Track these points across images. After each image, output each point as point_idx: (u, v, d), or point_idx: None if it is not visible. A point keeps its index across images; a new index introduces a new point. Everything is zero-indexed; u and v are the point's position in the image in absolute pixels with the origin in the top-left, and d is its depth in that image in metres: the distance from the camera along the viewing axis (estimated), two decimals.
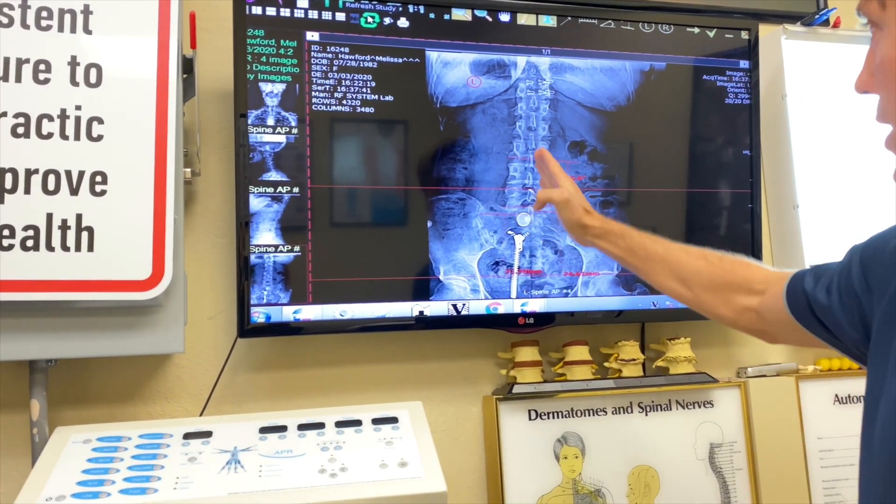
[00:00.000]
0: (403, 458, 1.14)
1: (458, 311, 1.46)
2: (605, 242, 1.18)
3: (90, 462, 1.11)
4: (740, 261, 1.09)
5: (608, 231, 1.17)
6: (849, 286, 0.88)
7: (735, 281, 1.06)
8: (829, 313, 0.91)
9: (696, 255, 1.11)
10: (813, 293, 0.93)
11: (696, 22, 1.65)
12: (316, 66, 1.39)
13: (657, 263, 1.13)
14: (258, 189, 1.35)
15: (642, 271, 1.16)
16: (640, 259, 1.15)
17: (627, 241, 1.16)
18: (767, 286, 1.03)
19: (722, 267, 1.08)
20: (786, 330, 1.00)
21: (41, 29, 1.17)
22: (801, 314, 0.95)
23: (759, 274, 1.06)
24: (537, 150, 1.28)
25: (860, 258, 0.89)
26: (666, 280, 1.13)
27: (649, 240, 1.15)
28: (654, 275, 1.14)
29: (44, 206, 1.14)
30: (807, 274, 0.96)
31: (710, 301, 1.09)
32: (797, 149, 1.71)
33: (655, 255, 1.14)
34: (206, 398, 1.38)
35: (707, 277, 1.09)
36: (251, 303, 1.34)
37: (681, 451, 1.56)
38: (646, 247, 1.15)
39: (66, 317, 1.17)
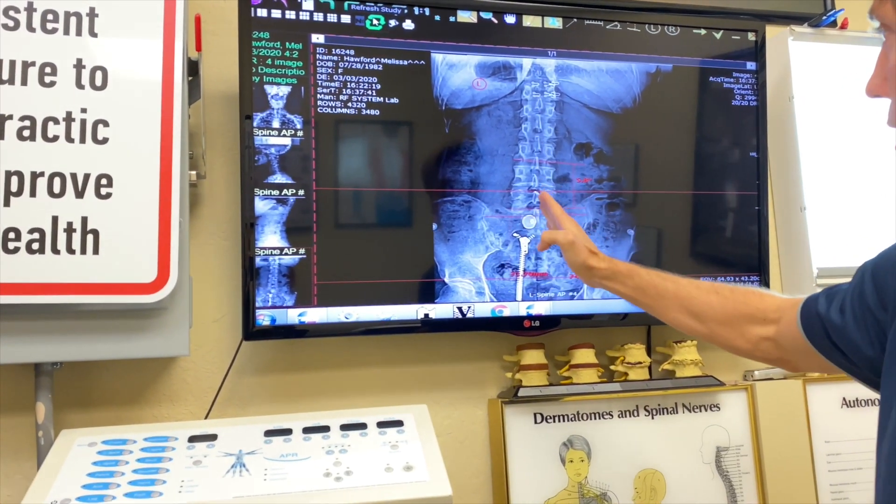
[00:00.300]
0: (409, 461, 1.14)
1: (463, 314, 1.45)
2: (614, 283, 1.17)
3: (95, 465, 1.11)
4: (752, 291, 1.08)
5: (615, 272, 1.16)
6: (862, 304, 0.87)
7: (749, 312, 1.05)
8: (843, 334, 0.90)
9: (707, 290, 1.10)
10: (827, 315, 0.92)
11: (702, 23, 1.64)
12: (321, 68, 1.39)
13: (668, 301, 1.12)
14: (263, 191, 1.35)
15: (654, 309, 1.15)
16: (651, 298, 1.14)
17: (636, 280, 1.15)
18: (782, 314, 1.02)
19: (734, 299, 1.07)
20: (804, 356, 0.98)
21: (47, 32, 1.17)
22: (816, 338, 0.94)
23: (772, 303, 1.04)
24: (541, 194, 1.28)
25: (872, 275, 0.87)
26: (679, 316, 1.12)
27: (658, 277, 1.14)
28: (667, 312, 1.13)
29: (49, 208, 1.14)
30: (819, 297, 0.95)
31: (726, 334, 1.08)
32: (804, 151, 1.70)
33: (666, 292, 1.12)
34: (211, 401, 1.38)
35: (720, 311, 1.07)
36: (256, 305, 1.33)
37: (687, 454, 1.55)
38: (655, 285, 1.13)
39: (72, 319, 1.17)
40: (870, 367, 0.89)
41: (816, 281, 1.66)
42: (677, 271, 1.53)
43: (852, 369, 0.92)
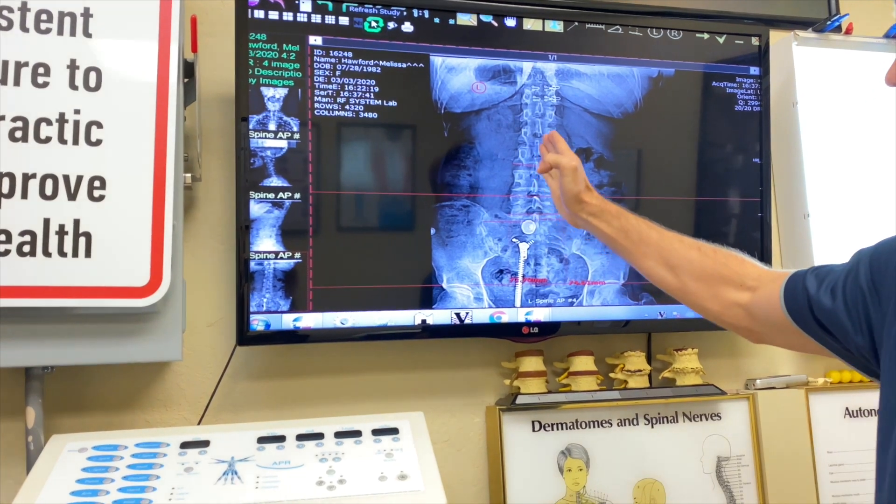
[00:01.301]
0: (403, 470, 1.13)
1: (461, 320, 1.43)
2: (599, 221, 1.15)
3: (85, 471, 1.10)
4: (734, 255, 1.07)
5: (604, 210, 1.15)
6: (855, 290, 0.86)
7: (727, 274, 1.04)
8: (833, 317, 0.88)
9: (689, 245, 1.09)
10: (816, 296, 0.90)
11: (705, 28, 1.63)
12: (318, 70, 1.38)
13: (648, 247, 1.10)
14: (259, 195, 1.33)
15: (632, 254, 1.13)
16: (633, 242, 1.12)
17: (622, 221, 1.13)
18: (760, 284, 1.01)
19: (715, 259, 1.06)
20: (777, 331, 0.97)
21: (41, 32, 1.16)
22: (799, 316, 0.93)
23: (753, 271, 1.03)
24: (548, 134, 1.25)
25: (869, 262, 0.86)
26: (654, 265, 1.10)
27: (644, 224, 1.13)
28: (644, 259, 1.11)
29: (41, 211, 1.13)
30: (807, 275, 0.93)
31: (698, 292, 1.06)
32: (808, 157, 1.69)
33: (649, 239, 1.11)
34: (204, 406, 1.37)
35: (698, 267, 1.06)
36: (251, 310, 1.32)
37: (687, 464, 1.54)
38: (640, 230, 1.12)
39: (63, 323, 1.16)
40: (857, 350, 0.88)
41: None
42: None
43: (835, 347, 0.91)
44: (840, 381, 1.68)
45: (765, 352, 1.71)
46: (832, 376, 1.69)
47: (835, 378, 1.69)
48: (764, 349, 1.71)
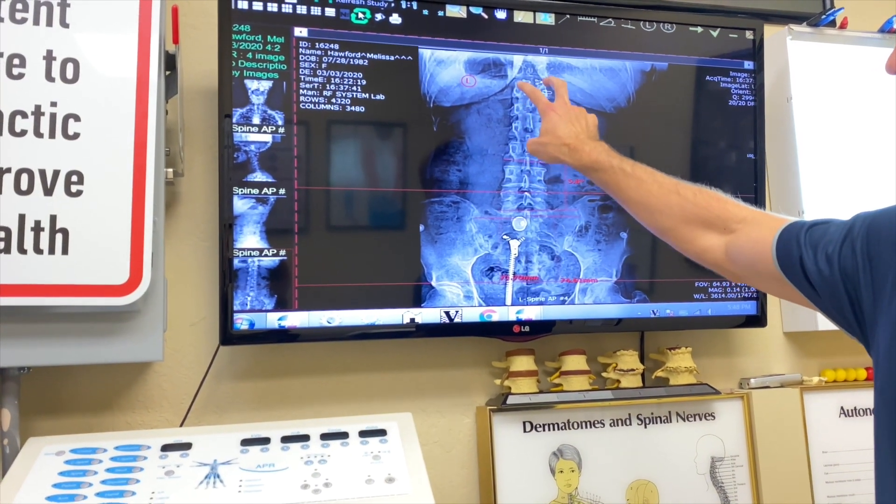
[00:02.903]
0: (391, 473, 1.10)
1: (450, 319, 1.41)
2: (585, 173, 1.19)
3: (62, 475, 1.07)
4: (715, 195, 1.07)
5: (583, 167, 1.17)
6: (851, 257, 0.85)
7: (708, 217, 1.05)
8: (828, 283, 0.87)
9: (669, 189, 1.09)
10: (812, 259, 0.89)
11: (699, 21, 1.61)
12: (304, 63, 1.35)
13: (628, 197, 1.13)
14: (243, 190, 1.30)
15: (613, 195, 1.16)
16: (614, 194, 1.15)
17: (601, 175, 1.16)
18: (743, 226, 1.01)
19: (695, 202, 1.06)
20: (760, 277, 0.98)
21: (15, 21, 1.12)
22: (792, 273, 0.92)
23: (736, 212, 1.03)
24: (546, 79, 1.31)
25: (867, 231, 0.85)
26: (634, 209, 1.13)
27: (622, 173, 1.13)
28: (626, 204, 1.14)
29: (16, 206, 1.09)
30: (801, 234, 0.92)
31: (678, 234, 1.08)
32: (803, 153, 1.68)
33: (628, 189, 1.12)
34: (186, 407, 1.34)
35: (678, 211, 1.07)
36: (234, 309, 1.29)
37: (681, 464, 1.52)
38: (618, 182, 1.13)
39: (40, 322, 1.12)
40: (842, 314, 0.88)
41: None
42: (672, 275, 1.52)
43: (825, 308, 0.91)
44: (835, 381, 1.67)
45: (759, 351, 1.70)
46: (827, 375, 1.68)
47: (829, 377, 1.67)
48: (758, 348, 1.69)
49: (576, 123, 1.19)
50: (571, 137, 1.18)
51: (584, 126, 1.20)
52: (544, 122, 1.22)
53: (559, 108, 1.21)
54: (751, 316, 1.59)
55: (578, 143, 1.17)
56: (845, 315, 0.87)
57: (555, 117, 1.20)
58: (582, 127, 1.19)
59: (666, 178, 1.11)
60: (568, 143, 1.17)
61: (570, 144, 1.17)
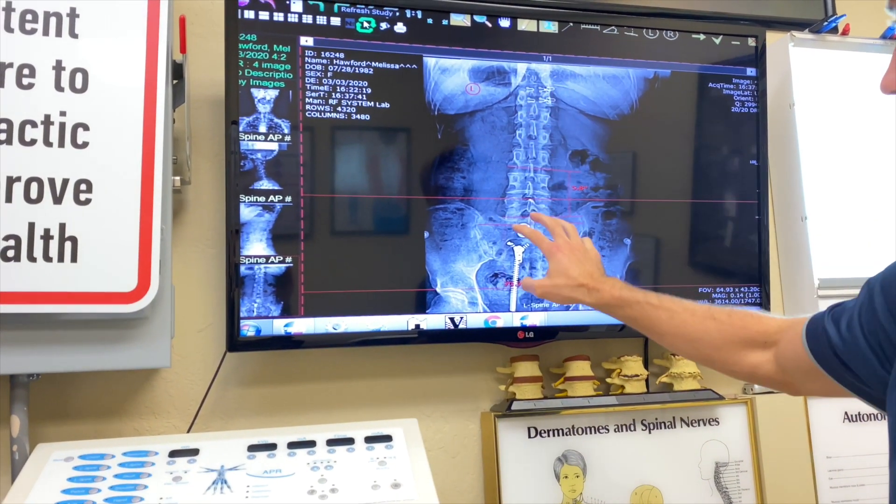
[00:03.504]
0: (396, 478, 1.11)
1: (455, 325, 1.41)
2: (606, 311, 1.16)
3: (71, 481, 1.08)
4: (750, 314, 1.05)
5: (605, 304, 1.14)
6: (873, 320, 0.84)
7: (748, 336, 1.02)
8: (854, 351, 0.86)
9: (703, 315, 1.06)
10: (836, 333, 0.89)
11: (701, 28, 1.61)
12: (310, 71, 1.36)
13: (662, 329, 1.09)
14: (249, 198, 1.31)
15: (649, 335, 1.13)
16: (645, 328, 1.12)
17: (627, 311, 1.12)
18: (782, 335, 0.99)
19: (732, 324, 1.04)
20: (808, 378, 0.95)
21: (26, 32, 1.14)
22: (823, 358, 0.91)
23: (771, 324, 1.01)
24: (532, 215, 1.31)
25: (881, 288, 0.84)
26: (673, 343, 1.10)
27: (650, 306, 1.10)
28: (661, 339, 1.11)
29: (26, 214, 1.11)
30: (824, 315, 0.92)
31: (723, 359, 1.05)
32: (805, 159, 1.68)
33: (659, 322, 1.09)
34: (193, 414, 1.35)
35: (717, 337, 1.04)
36: (241, 315, 1.30)
37: (685, 470, 1.52)
38: (648, 315, 1.10)
39: (49, 330, 1.13)
40: (881, 384, 0.85)
41: (818, 292, 1.63)
42: (675, 282, 1.52)
43: (861, 388, 0.89)
44: None
45: None
46: None
47: None
48: None
49: (586, 262, 1.16)
50: (586, 277, 1.15)
51: (594, 264, 1.17)
52: (552, 264, 1.18)
53: (565, 248, 1.18)
54: None
55: (595, 282, 1.14)
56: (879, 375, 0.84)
57: (563, 259, 1.17)
58: (592, 265, 1.17)
59: (696, 305, 1.08)
60: (584, 283, 1.14)
61: (587, 285, 1.14)
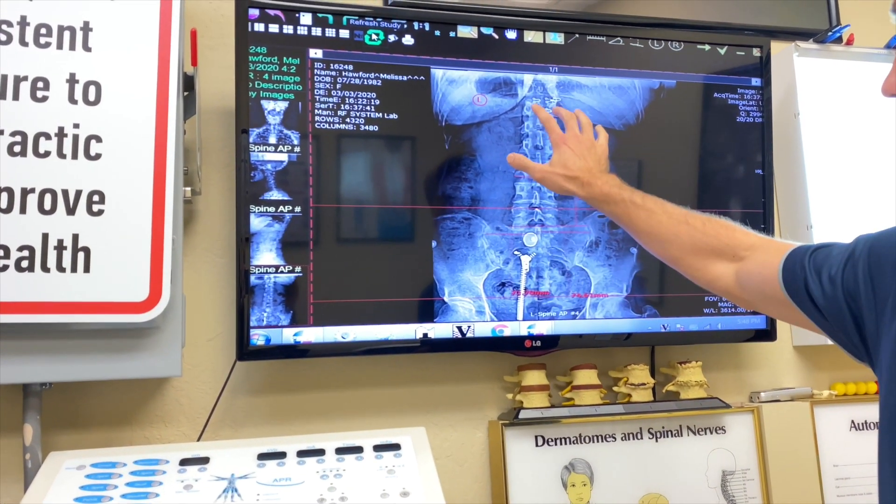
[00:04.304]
0: (405, 487, 1.11)
1: (463, 334, 1.42)
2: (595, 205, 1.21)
3: (83, 489, 1.09)
4: (723, 223, 1.09)
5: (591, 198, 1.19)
6: (853, 279, 0.87)
7: (717, 246, 1.06)
8: (832, 305, 0.89)
9: (678, 219, 1.11)
10: (816, 282, 0.91)
11: (706, 39, 1.62)
12: (319, 83, 1.37)
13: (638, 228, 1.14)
14: (259, 208, 1.33)
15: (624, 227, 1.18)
16: (625, 226, 1.17)
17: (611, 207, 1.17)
18: (752, 253, 1.02)
19: (704, 231, 1.08)
20: (772, 303, 0.99)
21: (40, 46, 1.15)
22: (797, 296, 0.94)
23: (744, 239, 1.05)
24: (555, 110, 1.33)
25: (868, 252, 0.86)
26: (645, 240, 1.15)
27: (632, 205, 1.15)
28: (636, 235, 1.16)
29: (40, 225, 1.12)
30: (806, 256, 0.94)
31: (688, 263, 1.10)
32: (810, 168, 1.68)
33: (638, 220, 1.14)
34: (204, 422, 1.35)
35: (687, 241, 1.09)
36: (251, 325, 1.31)
37: (692, 478, 1.52)
38: (629, 214, 1.15)
39: (62, 339, 1.14)
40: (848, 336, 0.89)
41: None
42: (682, 290, 1.53)
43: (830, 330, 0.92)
44: (845, 394, 1.67)
45: (769, 365, 1.70)
46: (837, 389, 1.68)
47: (840, 391, 1.67)
48: (768, 362, 1.70)
49: (588, 157, 1.21)
50: (583, 171, 1.19)
51: (596, 160, 1.21)
52: (556, 154, 1.23)
53: (571, 141, 1.23)
54: (760, 330, 1.59)
55: (590, 176, 1.19)
56: (850, 337, 0.89)
57: (567, 151, 1.22)
58: (594, 160, 1.21)
59: (675, 209, 1.12)
60: (579, 176, 1.19)
61: (582, 178, 1.19)
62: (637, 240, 1.18)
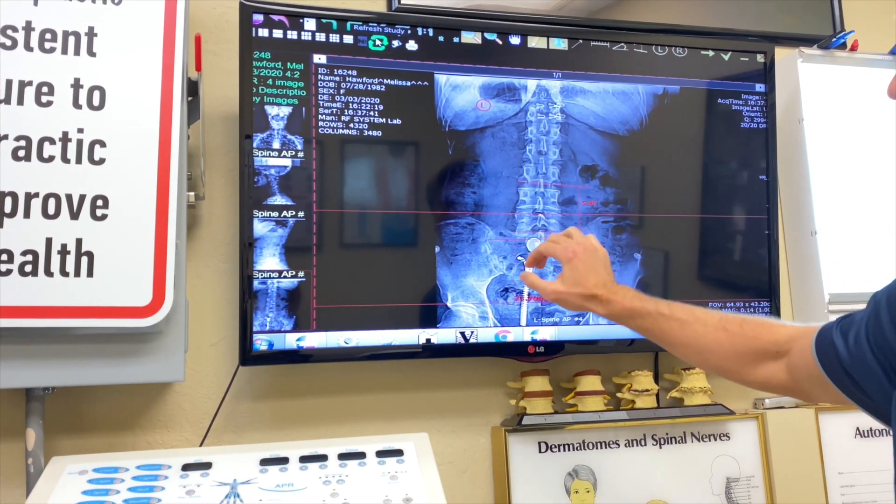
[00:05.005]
0: (408, 493, 1.11)
1: (466, 339, 1.42)
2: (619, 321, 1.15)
3: (85, 494, 1.08)
4: (762, 322, 1.05)
5: (615, 315, 1.14)
6: (879, 333, 0.84)
7: (760, 346, 1.02)
8: (861, 365, 0.86)
9: (714, 326, 1.06)
10: (844, 346, 0.89)
11: (710, 45, 1.62)
12: (323, 88, 1.37)
13: (674, 340, 1.09)
14: (262, 213, 1.33)
15: (660, 344, 1.13)
16: (657, 338, 1.12)
17: (638, 322, 1.12)
18: (793, 344, 0.99)
19: (744, 334, 1.04)
20: (818, 387, 0.94)
21: (44, 51, 1.16)
22: (831, 370, 0.91)
23: (783, 333, 1.01)
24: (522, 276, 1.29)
25: (887, 302, 0.84)
26: (685, 354, 1.10)
27: (661, 317, 1.10)
28: (673, 349, 1.11)
29: (43, 230, 1.12)
30: (833, 327, 0.92)
31: (735, 369, 1.05)
32: (815, 174, 1.68)
33: (672, 333, 1.09)
34: (206, 427, 1.35)
35: (729, 348, 1.04)
36: (254, 330, 1.31)
37: (696, 485, 1.51)
38: (660, 327, 1.10)
39: (64, 343, 1.14)
40: (886, 399, 0.85)
41: (828, 307, 1.63)
42: (685, 297, 1.51)
43: (867, 403, 0.89)
44: None
45: None
46: None
47: None
48: None
49: (599, 269, 1.16)
50: (600, 288, 1.14)
51: (607, 268, 1.17)
52: (568, 270, 1.17)
53: (581, 254, 1.17)
54: None
55: (608, 293, 1.14)
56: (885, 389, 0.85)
57: (579, 265, 1.16)
58: (605, 271, 1.16)
59: (706, 314, 1.08)
60: (597, 294, 1.14)
61: (601, 296, 1.14)
62: (671, 352, 1.12)
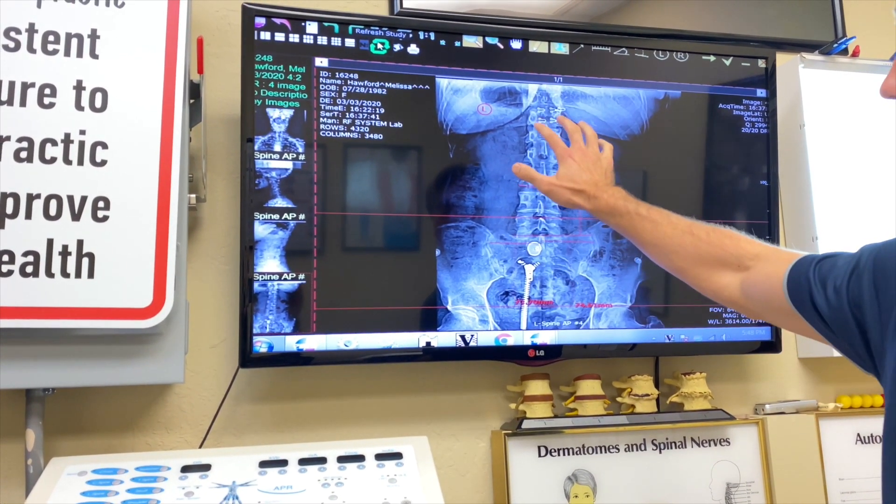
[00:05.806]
0: (407, 496, 1.11)
1: (466, 343, 1.42)
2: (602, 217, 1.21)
3: (84, 495, 1.09)
4: (728, 233, 1.08)
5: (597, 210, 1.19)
6: (858, 289, 0.86)
7: (722, 256, 1.06)
8: (837, 315, 0.89)
9: (683, 230, 1.11)
10: (821, 295, 0.90)
11: (711, 50, 1.63)
12: (324, 92, 1.38)
13: (643, 240, 1.15)
14: (263, 216, 1.33)
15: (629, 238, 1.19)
16: (631, 238, 1.17)
17: (616, 220, 1.18)
18: (757, 263, 1.02)
19: (709, 241, 1.08)
20: (774, 312, 0.99)
21: (47, 53, 1.16)
22: (802, 306, 0.93)
23: (749, 249, 1.04)
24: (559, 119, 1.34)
25: (873, 262, 0.86)
26: (650, 252, 1.15)
27: (637, 217, 1.15)
28: (642, 246, 1.17)
29: (45, 231, 1.12)
30: (811, 268, 0.93)
31: (694, 274, 1.10)
32: (816, 179, 1.68)
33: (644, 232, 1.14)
34: (206, 429, 1.35)
35: (692, 252, 1.09)
36: (254, 332, 1.31)
37: (696, 490, 1.51)
38: (635, 226, 1.15)
39: (65, 344, 1.15)
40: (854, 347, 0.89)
41: None
42: (687, 300, 1.53)
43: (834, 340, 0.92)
44: (851, 407, 1.66)
45: (774, 376, 1.69)
46: (843, 402, 1.67)
47: (846, 403, 1.66)
48: (773, 374, 1.69)
49: (594, 171, 1.21)
50: (590, 185, 1.19)
51: (602, 172, 1.21)
52: (562, 168, 1.22)
53: (576, 154, 1.22)
54: (765, 342, 1.58)
55: (596, 189, 1.19)
56: (856, 347, 0.88)
57: (573, 165, 1.21)
58: (600, 174, 1.21)
59: (680, 219, 1.12)
60: (585, 189, 1.19)
61: (588, 191, 1.19)
62: (642, 251, 1.18)
